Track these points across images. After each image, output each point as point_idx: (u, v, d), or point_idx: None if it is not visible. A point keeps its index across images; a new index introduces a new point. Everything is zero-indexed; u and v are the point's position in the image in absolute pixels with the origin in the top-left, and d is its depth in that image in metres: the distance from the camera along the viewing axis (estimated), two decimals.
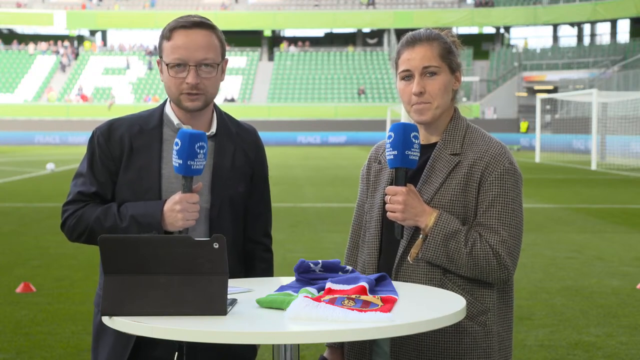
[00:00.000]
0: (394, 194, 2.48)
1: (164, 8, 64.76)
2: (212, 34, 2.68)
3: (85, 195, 2.72)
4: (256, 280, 2.60)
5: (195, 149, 2.50)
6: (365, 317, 2.00)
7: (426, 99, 2.56)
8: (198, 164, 2.52)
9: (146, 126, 2.75)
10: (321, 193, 18.36)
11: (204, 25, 2.67)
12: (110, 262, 2.11)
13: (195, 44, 2.63)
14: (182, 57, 2.63)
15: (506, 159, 2.54)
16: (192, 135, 2.50)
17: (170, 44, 2.65)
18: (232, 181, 2.75)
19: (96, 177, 2.73)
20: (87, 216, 2.69)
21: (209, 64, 2.65)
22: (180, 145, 2.50)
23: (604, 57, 53.30)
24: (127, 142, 2.72)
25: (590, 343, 5.91)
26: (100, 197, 2.73)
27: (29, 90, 58.48)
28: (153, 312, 2.07)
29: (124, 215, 2.64)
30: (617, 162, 31.86)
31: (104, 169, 2.73)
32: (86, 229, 2.68)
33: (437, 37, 2.60)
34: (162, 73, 2.71)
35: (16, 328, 6.28)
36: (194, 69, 2.63)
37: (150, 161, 2.71)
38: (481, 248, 2.45)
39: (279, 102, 57.29)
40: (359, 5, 64.76)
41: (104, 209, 2.68)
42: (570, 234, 11.70)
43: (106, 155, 2.72)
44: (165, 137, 2.74)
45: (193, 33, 2.64)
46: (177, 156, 2.51)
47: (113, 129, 2.74)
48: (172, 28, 2.67)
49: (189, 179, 2.56)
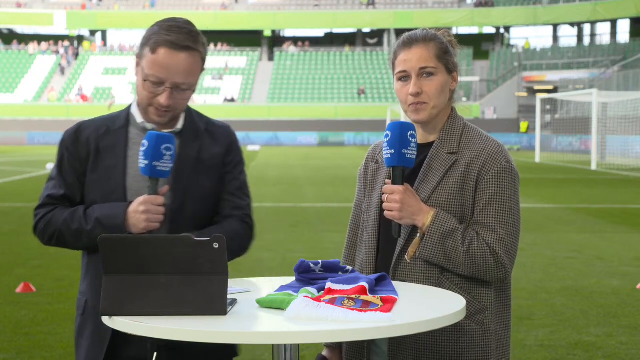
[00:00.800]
0: (391, 192, 2.48)
1: (164, 8, 64.78)
2: (197, 55, 2.63)
3: (54, 199, 2.73)
4: (256, 280, 2.60)
5: (162, 150, 2.50)
6: (365, 317, 2.00)
7: (423, 99, 2.56)
8: (164, 166, 2.52)
9: (113, 127, 2.74)
10: (321, 193, 18.37)
11: (191, 48, 2.60)
12: (110, 262, 2.11)
13: (178, 68, 2.59)
14: (161, 76, 2.59)
15: (503, 158, 2.54)
16: (158, 137, 2.50)
17: (153, 59, 2.59)
18: (196, 175, 2.73)
19: (65, 180, 2.73)
20: (55, 219, 2.69)
21: (185, 88, 2.63)
22: (146, 146, 2.50)
23: (604, 57, 53.31)
24: (93, 143, 2.71)
25: (590, 343, 5.91)
26: (69, 200, 2.73)
27: (29, 90, 58.49)
28: (153, 312, 2.07)
29: (89, 218, 2.64)
30: (617, 162, 31.86)
31: (72, 171, 2.73)
32: (55, 232, 2.69)
33: (433, 37, 2.60)
34: (137, 74, 2.68)
35: (16, 328, 6.28)
36: (170, 90, 2.61)
37: (116, 161, 2.70)
38: (478, 246, 2.45)
39: (279, 102, 57.29)
40: (359, 5, 64.77)
41: (71, 212, 2.68)
42: (570, 234, 11.70)
43: (73, 157, 2.73)
44: (131, 137, 2.73)
45: (178, 56, 2.59)
46: (143, 157, 2.51)
47: (80, 130, 2.75)
48: (159, 43, 2.59)
49: (155, 180, 2.55)
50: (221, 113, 53.44)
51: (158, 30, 2.61)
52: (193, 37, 2.62)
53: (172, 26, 2.62)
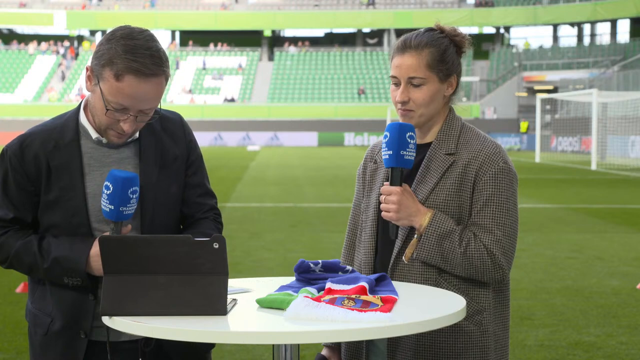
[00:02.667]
0: (389, 193, 2.48)
1: (164, 8, 64.75)
2: (163, 78, 2.42)
3: (3, 222, 2.53)
4: (256, 280, 2.60)
5: (129, 194, 2.36)
6: (365, 317, 2.00)
7: (410, 107, 2.55)
8: (130, 209, 2.39)
9: (61, 140, 2.52)
10: (321, 193, 18.36)
11: (158, 72, 2.40)
12: (110, 262, 2.11)
13: (144, 97, 2.39)
14: (126, 105, 2.40)
15: (500, 159, 2.53)
16: (125, 180, 2.35)
17: (117, 87, 2.37)
18: (163, 183, 2.58)
19: (13, 203, 2.52)
20: (6, 248, 2.52)
21: (149, 112, 2.46)
22: (112, 190, 2.35)
23: (604, 57, 53.29)
24: (44, 160, 2.50)
25: (590, 343, 5.91)
26: (20, 222, 2.54)
27: (29, 90, 58.47)
28: (153, 312, 2.07)
29: (46, 254, 2.47)
30: (617, 162, 31.86)
31: (21, 192, 2.51)
32: (6, 261, 2.54)
33: (428, 44, 2.55)
34: (91, 90, 2.47)
35: (16, 328, 6.28)
36: (133, 118, 2.43)
37: (73, 180, 2.50)
38: (475, 248, 2.45)
39: (279, 102, 57.27)
40: (359, 5, 64.75)
41: (23, 243, 2.50)
42: (570, 234, 11.70)
43: (21, 176, 2.50)
44: (85, 150, 2.53)
45: (146, 85, 2.38)
46: (107, 201, 2.36)
47: (24, 147, 2.51)
48: (124, 71, 2.36)
49: (119, 224, 2.41)
50: (221, 113, 53.47)
51: (119, 52, 2.37)
52: (158, 60, 2.40)
53: (135, 48, 2.37)
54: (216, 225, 2.70)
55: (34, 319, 2.61)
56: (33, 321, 2.62)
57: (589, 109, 36.56)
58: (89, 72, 2.47)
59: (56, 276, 2.48)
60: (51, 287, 2.55)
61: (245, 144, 51.88)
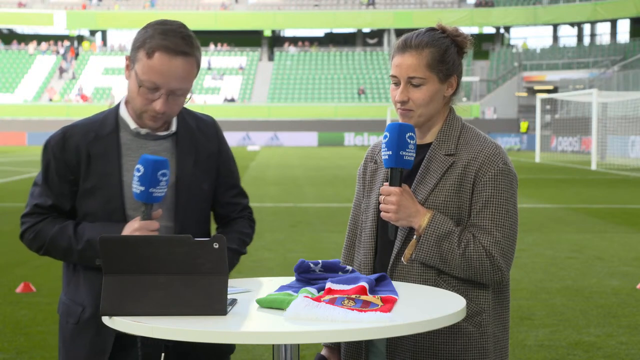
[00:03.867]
0: (388, 194, 2.48)
1: (164, 8, 64.76)
2: (193, 60, 2.57)
3: (42, 208, 2.65)
4: (256, 280, 2.60)
5: (158, 176, 2.44)
6: (365, 317, 2.00)
7: (409, 107, 2.55)
8: (160, 192, 2.47)
9: (101, 132, 2.64)
10: (321, 193, 18.36)
11: (187, 53, 2.54)
12: (110, 262, 2.11)
13: (174, 74, 2.52)
14: (157, 82, 2.52)
15: (500, 160, 2.52)
16: (155, 163, 2.44)
17: (149, 64, 2.52)
18: (197, 179, 2.69)
19: (52, 190, 2.64)
20: (44, 234, 2.62)
21: (180, 94, 2.58)
22: (142, 172, 2.43)
23: (604, 57, 53.30)
24: (84, 150, 2.62)
25: (590, 343, 5.91)
26: (57, 210, 2.65)
27: (29, 90, 58.47)
28: (153, 312, 2.07)
29: (80, 237, 2.57)
30: (617, 162, 31.86)
31: (61, 180, 2.63)
32: (43, 247, 2.63)
33: (428, 44, 2.54)
34: (128, 77, 2.60)
35: (16, 328, 6.28)
36: (165, 96, 2.55)
37: (110, 169, 2.61)
38: (474, 249, 2.45)
39: (279, 102, 57.27)
40: (359, 5, 64.75)
41: (60, 228, 2.61)
42: (570, 234, 11.70)
43: (62, 165, 2.63)
44: (123, 142, 2.65)
45: (175, 61, 2.52)
46: (139, 183, 2.44)
47: (67, 137, 2.64)
48: (156, 47, 2.51)
49: (149, 205, 2.49)
50: (221, 113, 53.40)
51: (152, 34, 2.53)
52: (189, 42, 2.56)
53: (167, 30, 2.54)
54: (250, 224, 2.86)
55: (67, 309, 2.68)
56: (65, 312, 2.69)
57: (589, 109, 36.57)
58: (127, 60, 2.61)
59: (89, 258, 2.57)
60: (84, 276, 2.64)
61: (245, 144, 51.87)
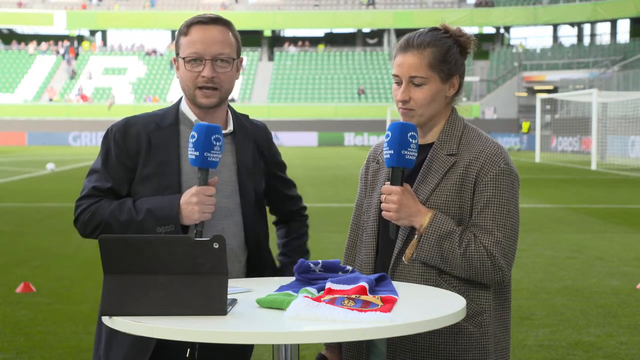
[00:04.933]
0: (389, 193, 2.48)
1: (164, 8, 64.74)
2: (228, 30, 2.74)
3: (99, 191, 2.73)
4: (256, 280, 2.60)
5: (212, 140, 2.52)
6: (365, 317, 2.00)
7: (411, 106, 2.55)
8: (214, 156, 2.54)
9: (162, 123, 2.76)
10: (321, 193, 18.36)
11: (221, 22, 2.73)
12: (110, 262, 2.11)
13: (212, 39, 2.68)
14: (198, 51, 2.67)
15: (502, 160, 2.52)
16: (208, 127, 2.52)
17: (187, 39, 2.69)
18: (255, 177, 2.82)
19: (111, 174, 2.73)
20: (101, 211, 2.69)
21: (224, 59, 2.69)
22: (196, 138, 2.52)
23: (604, 57, 53.30)
24: (145, 138, 2.73)
25: (590, 343, 5.91)
26: (114, 193, 2.73)
27: (29, 90, 58.47)
28: (153, 312, 2.07)
29: (139, 209, 2.64)
30: (617, 162, 31.86)
31: (120, 166, 2.73)
32: (101, 223, 2.68)
33: (430, 44, 2.54)
34: (178, 70, 2.74)
35: (16, 328, 6.27)
36: (210, 62, 2.67)
37: (170, 157, 2.72)
38: (475, 249, 2.44)
39: (279, 102, 57.27)
40: (359, 5, 64.75)
41: (118, 203, 2.68)
42: (570, 234, 11.70)
43: (122, 151, 2.73)
44: (183, 134, 2.76)
45: (210, 28, 2.69)
46: (193, 148, 2.52)
47: (129, 126, 2.75)
48: (189, 24, 2.72)
49: (205, 171, 2.57)
50: None
51: (186, 22, 2.74)
52: (221, 18, 2.75)
53: (200, 16, 2.75)
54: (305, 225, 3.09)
55: None
56: None
57: (589, 109, 36.56)
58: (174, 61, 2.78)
59: (150, 227, 2.62)
60: None
61: None
